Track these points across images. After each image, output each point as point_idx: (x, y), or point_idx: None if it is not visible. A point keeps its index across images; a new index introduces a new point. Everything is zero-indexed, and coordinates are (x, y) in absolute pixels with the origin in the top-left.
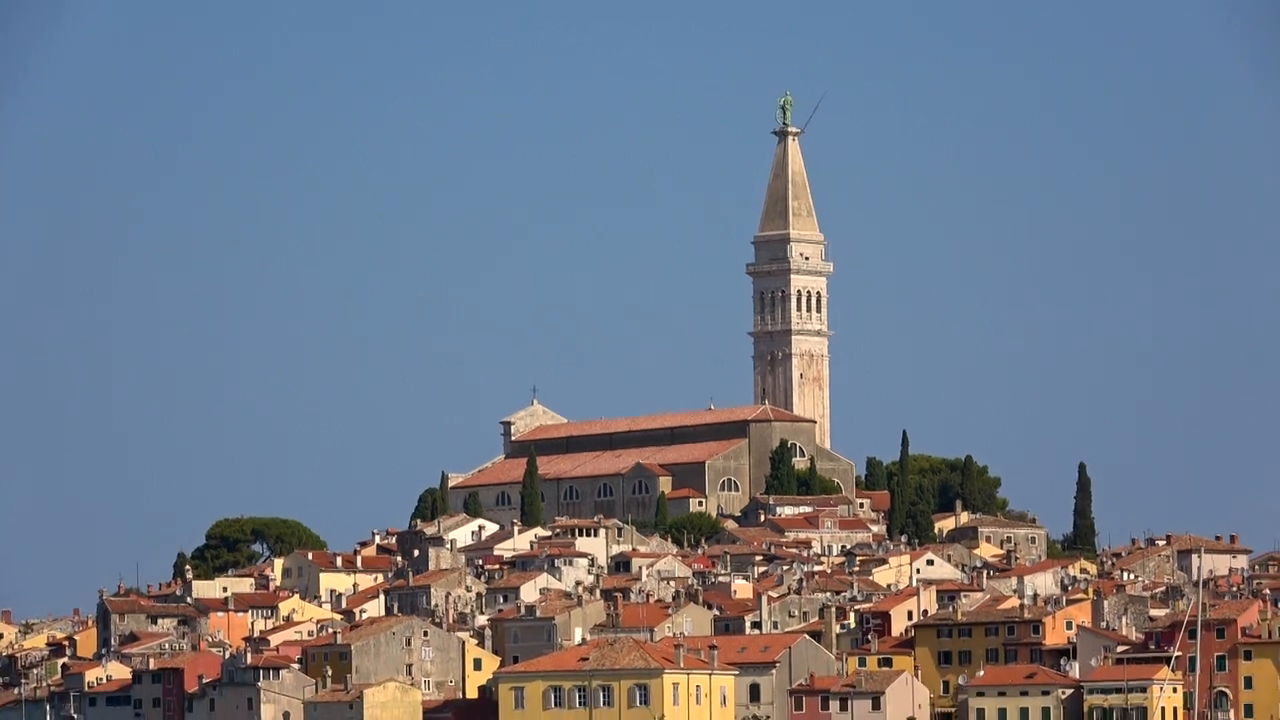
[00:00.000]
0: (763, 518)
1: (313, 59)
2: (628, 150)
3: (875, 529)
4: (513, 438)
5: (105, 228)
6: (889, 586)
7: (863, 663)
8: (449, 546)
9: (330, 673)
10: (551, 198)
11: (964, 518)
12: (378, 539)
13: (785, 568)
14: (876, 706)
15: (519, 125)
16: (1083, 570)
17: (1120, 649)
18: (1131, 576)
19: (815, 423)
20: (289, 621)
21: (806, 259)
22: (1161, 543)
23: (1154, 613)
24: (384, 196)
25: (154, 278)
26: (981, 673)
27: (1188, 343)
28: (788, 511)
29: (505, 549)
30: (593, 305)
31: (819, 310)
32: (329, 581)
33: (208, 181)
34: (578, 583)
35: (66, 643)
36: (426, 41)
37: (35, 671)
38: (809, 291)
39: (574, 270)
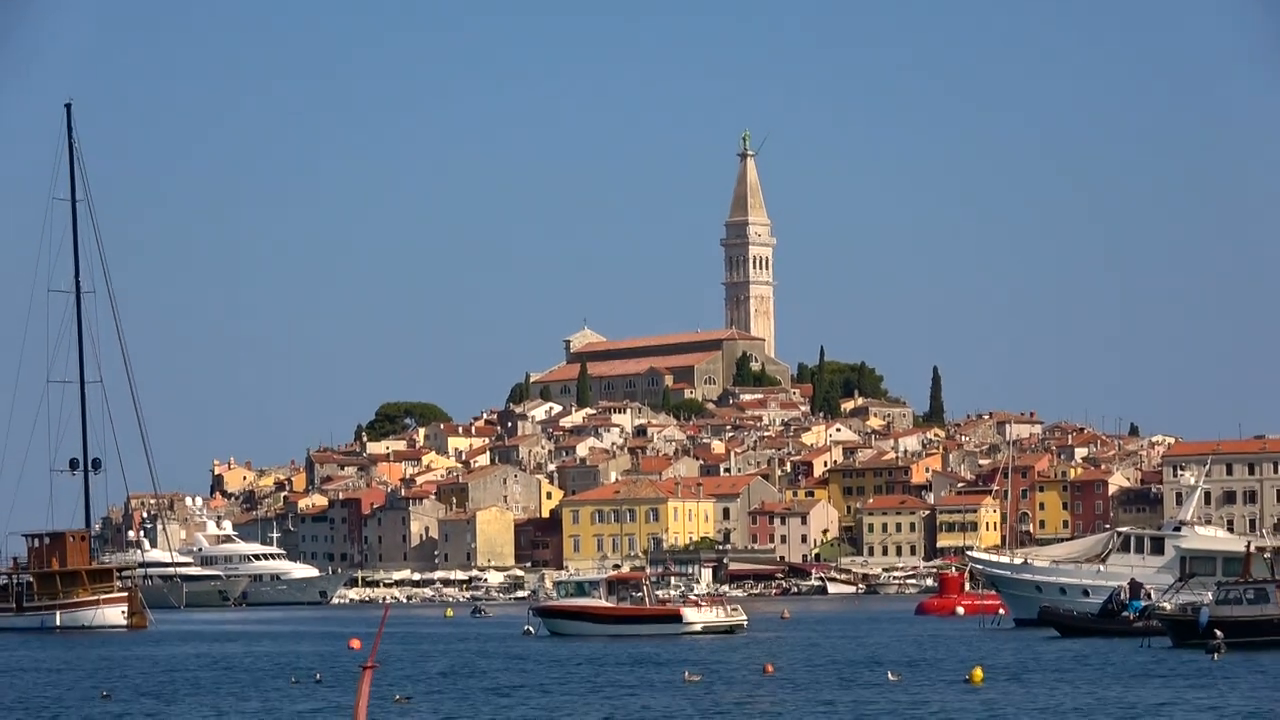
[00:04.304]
0: (731, 401)
1: None
2: (641, 167)
3: (803, 408)
4: (571, 350)
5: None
6: (812, 445)
7: (795, 494)
8: (530, 420)
9: (455, 501)
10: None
11: (859, 401)
12: (485, 415)
13: (745, 433)
14: (804, 522)
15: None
16: (935, 434)
17: (960, 485)
18: (967, 439)
19: (764, 340)
20: (428, 468)
21: (759, 236)
22: (986, 417)
23: (982, 462)
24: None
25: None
26: (871, 501)
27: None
28: (747, 398)
29: (567, 422)
30: (624, 265)
31: (767, 269)
32: (454, 443)
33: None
34: (613, 443)
35: (286, 481)
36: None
37: (266, 500)
38: (761, 256)
39: (610, 244)
